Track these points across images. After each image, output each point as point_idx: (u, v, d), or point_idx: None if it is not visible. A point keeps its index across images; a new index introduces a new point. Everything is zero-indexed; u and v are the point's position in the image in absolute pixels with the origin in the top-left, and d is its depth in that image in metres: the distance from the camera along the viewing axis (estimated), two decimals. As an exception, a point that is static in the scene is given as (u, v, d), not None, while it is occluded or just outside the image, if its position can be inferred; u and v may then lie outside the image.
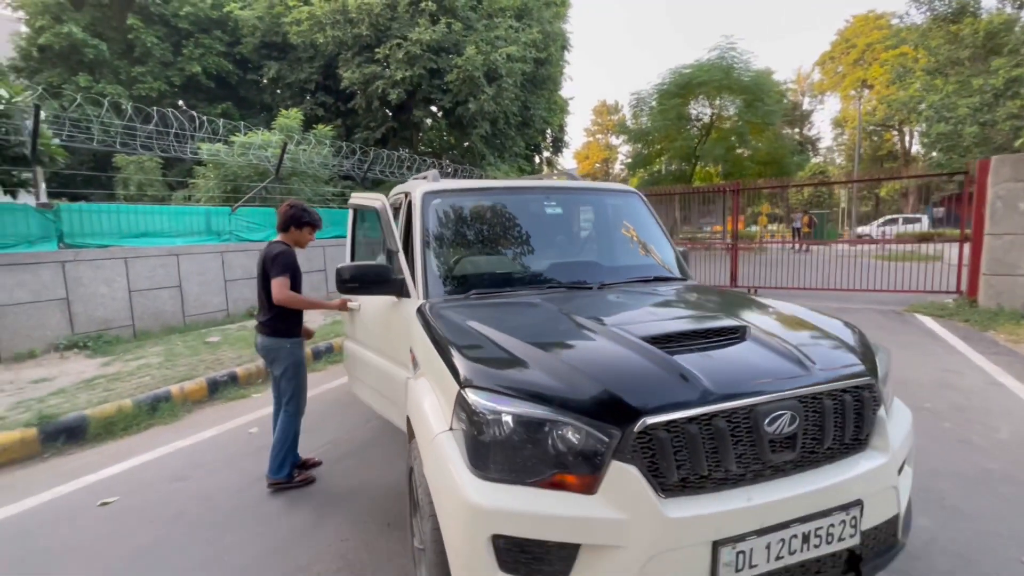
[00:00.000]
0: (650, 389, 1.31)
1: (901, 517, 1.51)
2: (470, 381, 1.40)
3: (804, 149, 43.40)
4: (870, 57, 34.58)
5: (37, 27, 13.26)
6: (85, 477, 3.21)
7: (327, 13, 13.00)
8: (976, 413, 3.81)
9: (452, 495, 1.32)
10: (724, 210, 14.99)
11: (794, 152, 22.45)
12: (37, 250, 5.49)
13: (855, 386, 1.45)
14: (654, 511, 1.20)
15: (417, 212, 2.52)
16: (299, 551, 2.37)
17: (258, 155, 8.43)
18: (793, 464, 1.35)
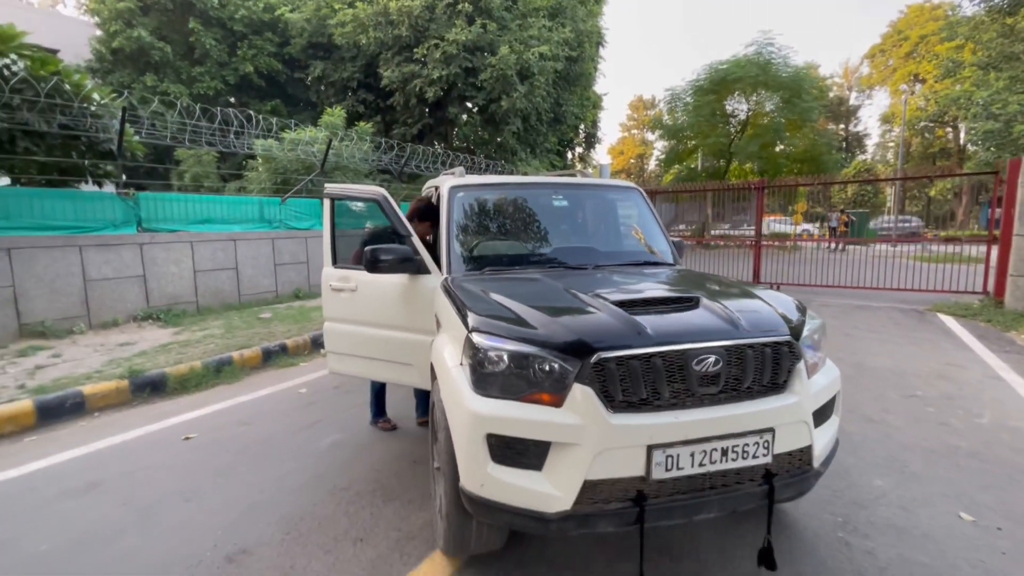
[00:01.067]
0: (606, 335, 1.75)
1: (815, 448, 1.90)
2: (476, 327, 1.88)
3: (847, 147, 41.84)
4: (924, 50, 33.01)
5: (111, 32, 14.53)
6: (169, 420, 3.88)
7: (370, 15, 13.70)
8: (964, 401, 4.02)
9: (459, 407, 1.80)
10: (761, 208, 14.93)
11: (834, 149, 21.84)
12: (120, 233, 6.31)
13: (775, 343, 1.85)
14: (603, 420, 1.65)
15: (444, 203, 3.01)
16: (341, 477, 2.93)
17: (306, 150, 9.17)
18: (717, 396, 1.77)
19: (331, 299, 3.23)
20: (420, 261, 2.74)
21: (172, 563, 2.19)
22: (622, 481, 1.68)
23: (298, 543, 2.30)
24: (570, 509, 1.66)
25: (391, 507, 2.59)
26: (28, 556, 2.25)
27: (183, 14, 15.28)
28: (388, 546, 2.27)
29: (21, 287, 5.48)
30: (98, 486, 2.87)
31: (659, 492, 1.70)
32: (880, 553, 2.22)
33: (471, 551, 2.03)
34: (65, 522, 2.52)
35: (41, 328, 5.59)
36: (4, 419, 3.66)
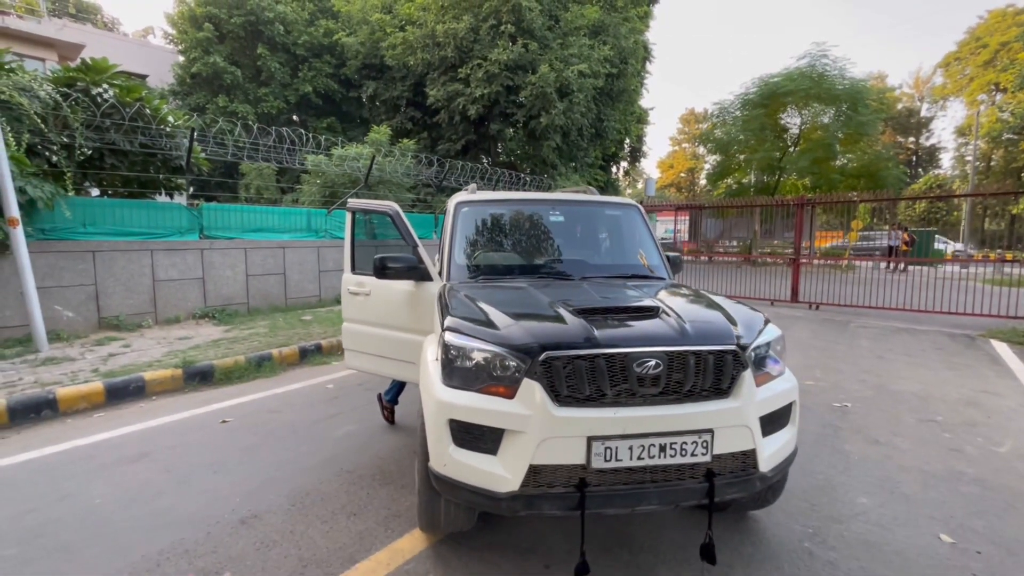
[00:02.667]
0: (556, 337, 1.95)
1: (762, 453, 2.01)
2: (449, 327, 2.14)
3: (917, 161, 39.22)
4: (1005, 57, 30.65)
5: (191, 58, 16.17)
6: (212, 405, 4.37)
7: (418, 38, 14.51)
8: (987, 429, 3.86)
9: (430, 396, 2.06)
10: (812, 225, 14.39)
11: (896, 164, 20.67)
12: (185, 240, 7.08)
13: (719, 351, 1.99)
14: (548, 411, 1.85)
15: (449, 217, 3.32)
16: (348, 461, 3.25)
17: (352, 165, 9.85)
18: (658, 397, 1.93)
19: (349, 302, 3.60)
20: (424, 269, 3.04)
21: (197, 520, 2.56)
22: (564, 468, 1.87)
23: (301, 513, 2.63)
24: (517, 490, 1.87)
25: (386, 489, 2.88)
26: (84, 507, 2.70)
27: (252, 41, 16.75)
28: (376, 521, 2.55)
29: (102, 285, 6.28)
30: (147, 456, 3.33)
31: (600, 481, 1.89)
32: (842, 564, 2.27)
33: (442, 529, 2.27)
34: (117, 483, 2.98)
35: (116, 321, 6.36)
36: (79, 397, 4.27)
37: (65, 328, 5.98)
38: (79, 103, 5.98)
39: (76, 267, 6.09)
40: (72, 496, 2.81)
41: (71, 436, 3.67)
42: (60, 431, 3.80)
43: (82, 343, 5.80)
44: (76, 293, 6.11)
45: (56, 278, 5.94)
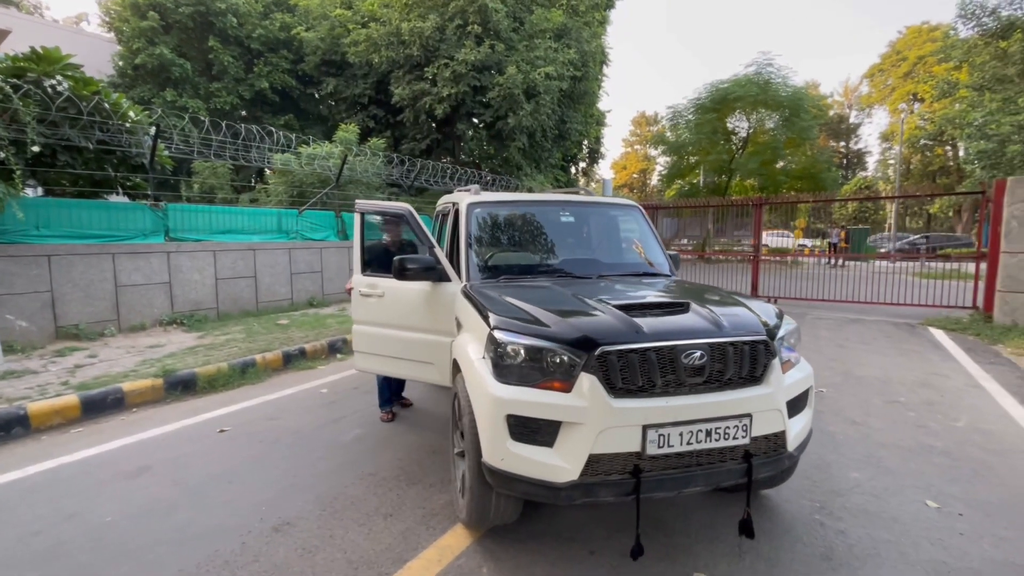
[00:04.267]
0: (608, 332, 2.06)
1: (789, 434, 2.20)
2: (496, 326, 2.20)
3: (848, 164, 42.35)
4: (921, 70, 33.63)
5: (134, 48, 15.13)
6: (202, 415, 4.19)
7: (383, 35, 14.26)
8: (944, 407, 4.30)
9: (483, 392, 2.11)
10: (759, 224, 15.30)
11: (832, 167, 22.27)
12: (150, 242, 6.68)
13: (752, 341, 2.16)
14: (605, 403, 1.96)
15: (463, 218, 3.35)
16: (366, 464, 3.23)
17: (322, 165, 9.59)
18: (702, 386, 2.08)
19: (360, 303, 3.55)
20: (442, 270, 3.07)
21: (225, 531, 2.49)
22: (621, 456, 1.98)
23: (335, 517, 2.60)
24: (577, 479, 1.96)
25: (414, 489, 2.89)
26: (96, 525, 2.55)
27: (203, 33, 15.89)
28: (415, 520, 2.56)
29: (59, 291, 5.84)
30: (148, 470, 3.17)
31: (653, 466, 2.01)
32: (851, 532, 2.50)
33: (490, 522, 2.32)
34: (123, 498, 2.83)
35: (75, 330, 5.93)
36: (53, 412, 3.98)
37: (18, 339, 5.51)
38: (31, 96, 5.53)
39: (29, 273, 5.63)
40: (78, 515, 2.65)
41: (53, 454, 3.43)
42: (38, 449, 3.54)
43: (40, 354, 5.37)
44: (30, 301, 5.65)
45: (7, 285, 5.47)
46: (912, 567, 2.24)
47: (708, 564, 2.25)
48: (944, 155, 35.34)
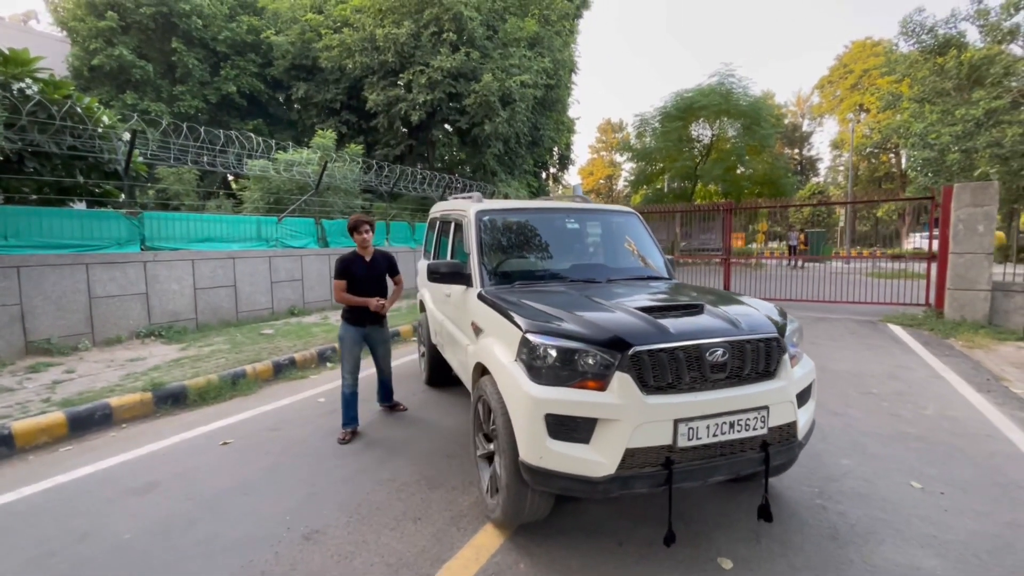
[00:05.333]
0: (639, 333, 2.19)
1: (799, 424, 2.38)
2: (528, 329, 2.29)
3: (802, 170, 44.59)
4: (867, 82, 35.85)
5: (90, 49, 14.45)
6: (199, 428, 4.09)
7: (356, 41, 14.15)
8: (912, 397, 4.66)
9: (520, 394, 2.20)
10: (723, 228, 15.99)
11: (790, 173, 23.43)
12: (125, 251, 6.43)
13: (766, 339, 2.33)
14: (640, 400, 2.09)
15: (472, 225, 3.44)
16: (382, 471, 3.25)
17: (301, 171, 9.43)
18: (725, 381, 2.23)
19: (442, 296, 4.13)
20: (468, 275, 3.16)
21: (254, 542, 2.47)
22: (654, 449, 2.11)
23: (364, 523, 2.62)
24: (614, 473, 2.08)
25: (437, 492, 2.94)
26: (115, 544, 2.49)
27: (165, 34, 15.34)
28: (445, 522, 2.62)
29: (28, 305, 5.55)
30: (156, 485, 3.09)
31: (682, 458, 2.14)
32: (850, 513, 2.71)
33: (523, 519, 2.41)
34: (136, 515, 2.76)
35: (47, 345, 5.64)
36: (38, 430, 3.81)
37: (-15, 355, 5.21)
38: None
39: (-3, 285, 5.33)
40: (93, 534, 2.57)
41: (47, 473, 3.30)
42: (28, 470, 3.39)
43: (11, 371, 5.10)
44: (-3, 315, 5.35)
45: (-28, 299, 5.17)
46: (908, 542, 2.46)
47: (728, 549, 2.40)
48: (889, 162, 37.72)
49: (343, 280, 3.85)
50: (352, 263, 3.88)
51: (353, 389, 3.89)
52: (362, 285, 3.88)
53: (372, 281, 3.92)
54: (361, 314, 3.92)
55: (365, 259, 3.92)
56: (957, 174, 16.13)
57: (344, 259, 3.87)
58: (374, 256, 3.98)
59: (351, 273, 3.85)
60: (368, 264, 3.93)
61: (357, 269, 3.87)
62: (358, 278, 3.87)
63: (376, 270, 3.96)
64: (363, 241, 3.86)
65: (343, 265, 3.85)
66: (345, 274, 3.85)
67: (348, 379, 3.89)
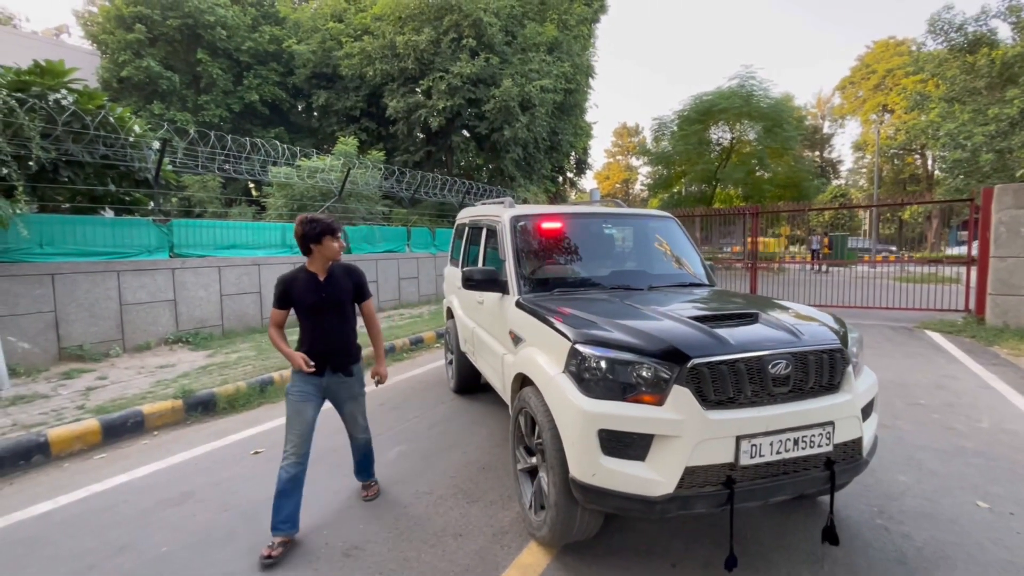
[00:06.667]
0: (696, 344, 2.08)
1: (864, 440, 2.24)
2: (578, 340, 2.20)
3: (823, 173, 43.79)
4: (891, 83, 35.08)
5: (119, 61, 14.82)
6: (230, 437, 4.06)
7: (376, 48, 14.28)
8: (963, 408, 4.44)
9: (570, 408, 2.10)
10: (744, 231, 15.72)
11: (813, 176, 22.98)
12: (154, 259, 6.50)
13: (829, 350, 2.20)
14: (700, 415, 1.97)
15: (507, 231, 3.36)
16: (419, 482, 3.17)
17: (324, 178, 9.49)
18: (788, 395, 2.10)
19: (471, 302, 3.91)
20: (505, 282, 3.08)
21: (291, 559, 2.41)
22: (715, 467, 1.99)
23: (403, 539, 2.54)
24: (673, 492, 1.96)
25: (476, 507, 2.85)
26: (154, 557, 2.45)
27: (190, 45, 15.68)
28: (487, 539, 2.52)
29: (62, 311, 5.63)
30: (191, 496, 3.06)
31: (744, 476, 2.02)
32: (915, 536, 2.55)
33: (572, 538, 2.30)
34: (174, 527, 2.72)
35: (79, 351, 5.71)
36: (74, 437, 3.81)
37: (21, 362, 5.29)
38: (35, 110, 5.37)
39: (32, 292, 5.42)
40: (131, 547, 2.54)
41: (82, 482, 3.29)
42: (64, 478, 3.39)
43: (46, 377, 5.16)
44: (33, 322, 5.43)
45: (10, 305, 5.25)
46: (984, 569, 2.29)
47: (790, 572, 2.27)
48: (914, 163, 36.80)
49: (283, 310, 2.67)
50: (297, 284, 2.63)
51: (294, 472, 2.56)
52: (315, 316, 2.65)
53: (330, 309, 2.67)
54: (321, 358, 2.67)
55: (319, 277, 2.66)
56: (990, 175, 15.61)
57: (286, 280, 2.65)
58: (332, 273, 2.70)
59: (295, 299, 2.63)
60: (322, 284, 2.65)
61: (305, 293, 2.62)
62: (308, 306, 2.63)
63: (335, 293, 2.68)
64: (333, 253, 2.65)
65: (284, 288, 2.63)
66: (286, 300, 2.64)
67: (290, 454, 2.58)
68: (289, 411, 2.65)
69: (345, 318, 2.75)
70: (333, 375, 2.75)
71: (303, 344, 2.71)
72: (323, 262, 2.66)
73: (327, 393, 2.78)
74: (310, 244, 2.60)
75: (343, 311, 2.74)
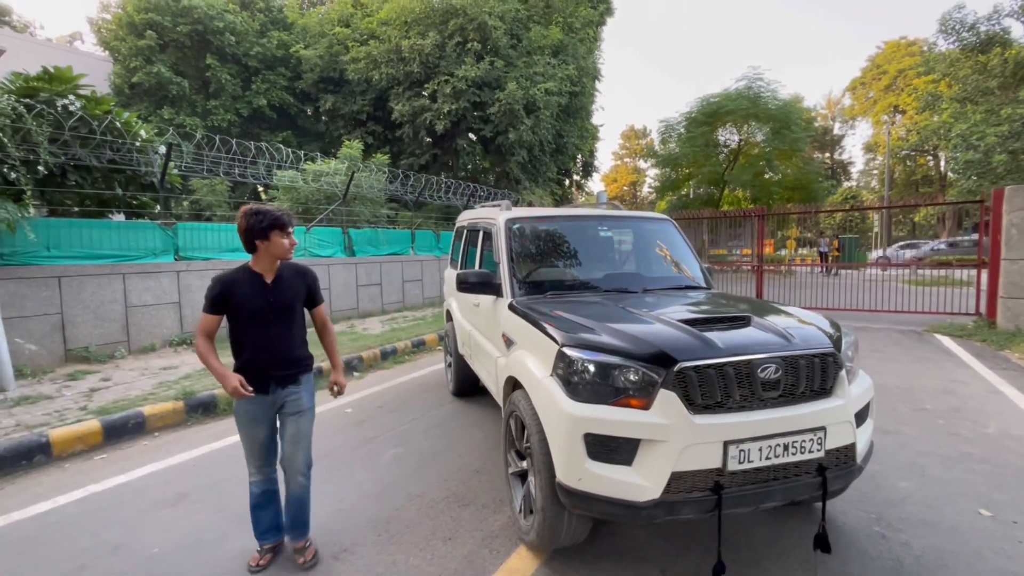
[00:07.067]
0: (684, 347, 2.06)
1: (857, 446, 2.20)
2: (565, 343, 2.18)
3: (833, 174, 43.33)
4: (902, 83, 34.66)
5: (131, 67, 15.08)
6: (228, 438, 4.08)
7: (382, 53, 14.39)
8: (970, 414, 4.35)
9: (557, 411, 2.09)
10: (752, 234, 15.59)
11: (822, 177, 22.75)
12: (159, 261, 6.58)
13: (821, 354, 2.17)
14: (687, 420, 1.95)
15: (502, 234, 3.35)
16: (412, 485, 3.17)
17: (329, 182, 9.56)
18: (778, 399, 2.07)
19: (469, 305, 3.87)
20: (498, 285, 3.08)
21: (280, 560, 2.41)
22: (703, 472, 1.96)
23: (393, 542, 2.54)
24: (659, 497, 1.94)
25: (467, 511, 2.83)
26: (145, 557, 2.47)
27: (200, 50, 15.90)
28: (476, 543, 2.51)
29: (68, 314, 5.71)
30: (186, 497, 3.08)
31: (733, 482, 1.99)
32: (914, 544, 2.50)
33: (560, 543, 2.28)
34: (167, 528, 2.74)
35: (85, 353, 5.79)
36: (75, 438, 3.86)
37: (28, 363, 5.37)
38: (43, 116, 5.46)
39: (39, 295, 5.50)
40: (124, 546, 2.56)
41: (82, 482, 3.33)
42: (64, 478, 3.43)
43: (51, 378, 5.23)
44: (39, 324, 5.51)
45: (17, 308, 5.33)
46: (983, 578, 2.24)
47: (782, 580, 2.23)
48: (926, 165, 36.30)
49: (217, 315, 2.26)
50: (239, 286, 2.25)
51: (264, 487, 2.41)
52: (259, 323, 2.26)
53: (278, 316, 2.29)
54: (264, 371, 2.29)
55: (264, 279, 2.29)
56: (1004, 176, 15.35)
57: (225, 280, 2.25)
58: (281, 275, 2.35)
59: (236, 303, 2.24)
60: (270, 287, 2.29)
61: (250, 296, 2.24)
62: (252, 311, 2.24)
63: (285, 297, 2.32)
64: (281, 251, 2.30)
65: (223, 289, 2.23)
66: (221, 305, 2.24)
67: (255, 472, 2.41)
68: (240, 432, 2.38)
69: (294, 325, 2.37)
70: (280, 389, 2.34)
71: (242, 355, 2.30)
72: (271, 261, 2.29)
73: (274, 411, 2.39)
74: (255, 240, 2.24)
75: (293, 317, 2.36)
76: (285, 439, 2.39)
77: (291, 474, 2.41)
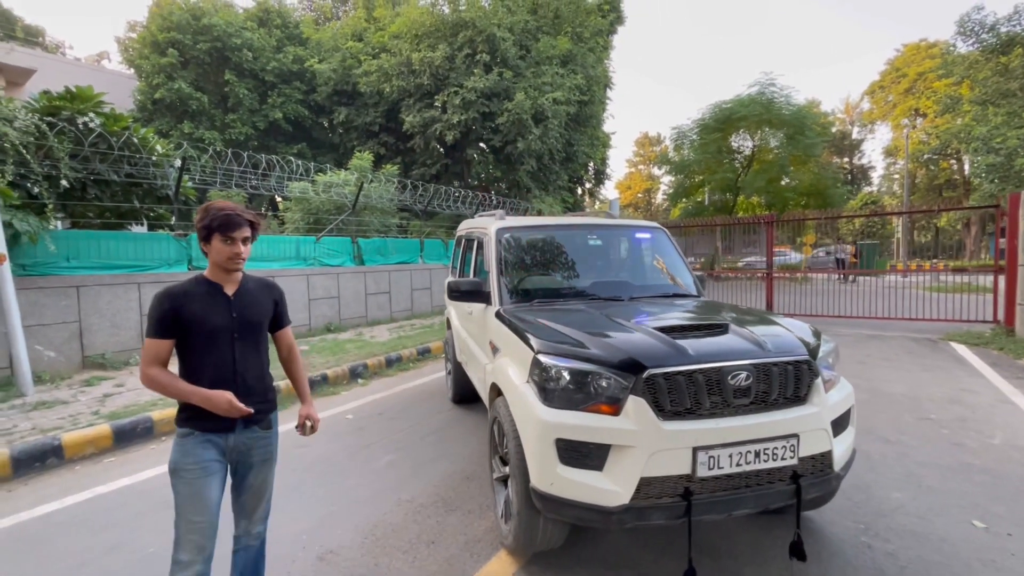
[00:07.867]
0: (654, 354, 2.09)
1: (835, 454, 2.19)
2: (540, 350, 2.23)
3: (853, 179, 42.54)
4: (922, 86, 33.99)
5: (154, 83, 15.67)
6: (231, 442, 4.21)
7: (393, 66, 14.70)
8: (976, 424, 4.25)
9: (531, 417, 2.13)
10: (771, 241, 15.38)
11: (839, 183, 22.38)
12: (173, 271, 6.80)
13: (795, 361, 2.17)
14: (656, 426, 1.97)
15: (492, 243, 3.42)
16: (403, 491, 3.23)
17: (339, 192, 9.78)
18: (750, 406, 2.08)
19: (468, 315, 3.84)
20: (487, 293, 3.14)
21: (268, 561, 2.48)
22: (672, 478, 1.98)
23: (377, 545, 2.60)
24: (628, 503, 1.97)
25: (453, 516, 2.88)
26: (140, 557, 2.57)
27: (219, 67, 16.44)
28: (458, 548, 2.55)
29: (86, 322, 5.94)
30: (185, 499, 3.18)
31: (703, 489, 2.01)
32: (900, 554, 2.46)
33: (536, 547, 2.31)
34: (163, 529, 2.81)
35: (101, 360, 6.00)
36: (86, 442, 4.02)
37: (47, 369, 5.59)
38: (64, 133, 5.73)
39: (59, 304, 5.74)
40: (121, 547, 2.66)
41: (89, 484, 3.46)
42: (73, 480, 3.57)
43: (68, 384, 5.44)
44: (58, 331, 5.74)
45: (37, 316, 5.57)
46: (968, 590, 2.20)
47: (759, 589, 2.22)
48: (950, 168, 35.41)
49: (167, 339, 1.75)
50: (193, 299, 1.78)
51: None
52: (221, 345, 1.80)
53: (244, 336, 1.85)
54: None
55: (224, 290, 1.84)
56: (1028, 179, 14.92)
57: (174, 294, 1.77)
58: (246, 288, 1.90)
59: (191, 319, 1.75)
60: (233, 302, 1.84)
61: (208, 311, 1.78)
62: (212, 330, 1.78)
63: (252, 313, 1.88)
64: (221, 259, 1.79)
65: (172, 305, 1.74)
66: (171, 326, 1.74)
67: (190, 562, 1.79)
68: (181, 496, 1.78)
69: (261, 349, 1.93)
70: (246, 429, 1.85)
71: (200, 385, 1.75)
72: (215, 269, 1.83)
73: (233, 457, 1.86)
74: (201, 243, 1.82)
75: (260, 339, 1.93)
76: (249, 490, 1.92)
77: (251, 524, 1.97)
